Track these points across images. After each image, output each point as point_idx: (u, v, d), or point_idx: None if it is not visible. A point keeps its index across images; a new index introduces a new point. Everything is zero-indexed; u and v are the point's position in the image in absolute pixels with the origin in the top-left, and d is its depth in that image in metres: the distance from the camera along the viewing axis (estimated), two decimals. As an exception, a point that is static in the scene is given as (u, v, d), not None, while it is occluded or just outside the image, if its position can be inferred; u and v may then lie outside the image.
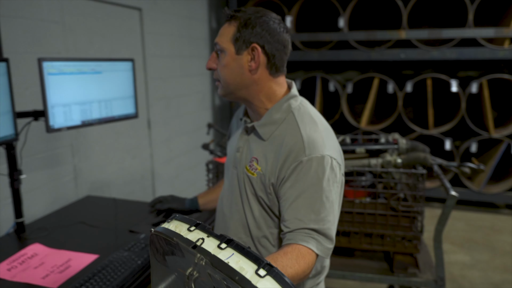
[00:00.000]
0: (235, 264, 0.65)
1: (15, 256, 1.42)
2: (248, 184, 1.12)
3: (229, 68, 1.07)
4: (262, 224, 1.12)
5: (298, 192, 1.00)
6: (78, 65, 1.68)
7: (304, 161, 1.00)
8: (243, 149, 1.15)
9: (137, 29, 3.19)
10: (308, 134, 1.04)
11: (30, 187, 2.26)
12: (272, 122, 1.09)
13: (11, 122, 1.45)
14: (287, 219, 1.01)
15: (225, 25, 1.08)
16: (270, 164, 1.06)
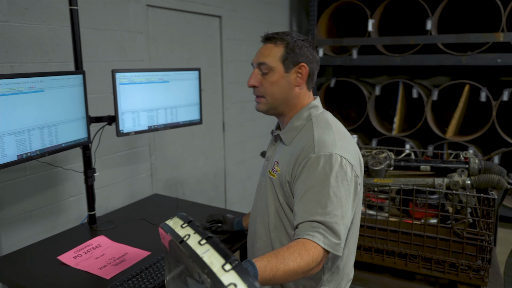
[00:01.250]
0: (207, 259, 0.73)
1: (82, 245, 1.61)
2: (270, 186, 1.23)
3: (278, 84, 1.20)
4: (280, 225, 1.21)
5: (307, 187, 1.08)
6: (147, 75, 1.83)
7: (313, 157, 1.09)
8: (271, 157, 1.29)
9: (216, 36, 3.34)
10: (320, 135, 1.15)
11: (111, 181, 2.52)
12: (293, 128, 1.23)
13: (85, 127, 1.64)
14: (296, 213, 1.09)
15: (268, 45, 1.21)
16: (286, 164, 1.17)
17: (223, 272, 0.71)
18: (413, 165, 1.86)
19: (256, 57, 1.24)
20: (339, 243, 1.03)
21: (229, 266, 0.72)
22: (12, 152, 1.34)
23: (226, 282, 0.69)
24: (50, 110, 1.46)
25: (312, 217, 1.04)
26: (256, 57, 1.23)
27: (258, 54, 1.23)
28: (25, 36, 1.97)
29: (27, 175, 2.05)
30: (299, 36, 1.22)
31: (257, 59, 1.22)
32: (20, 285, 1.39)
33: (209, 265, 0.72)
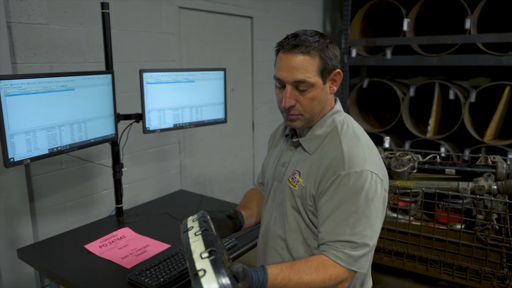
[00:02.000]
0: (193, 247, 0.82)
1: (107, 236, 1.70)
2: (290, 196, 1.15)
3: (318, 99, 1.09)
4: (299, 237, 1.14)
5: (335, 205, 1.02)
6: (174, 75, 1.90)
7: (342, 175, 1.02)
8: (288, 164, 1.20)
9: (248, 36, 3.39)
10: (349, 148, 1.06)
11: (142, 177, 2.63)
12: (317, 136, 1.13)
13: (113, 124, 1.73)
14: (322, 231, 1.04)
15: (301, 57, 1.05)
16: (311, 177, 1.09)
17: (199, 259, 0.78)
18: (437, 168, 1.82)
19: (287, 72, 1.06)
20: (365, 265, 1.01)
21: (206, 254, 0.79)
22: (44, 146, 1.44)
23: (198, 267, 0.77)
24: (80, 107, 1.56)
25: (340, 237, 1.00)
26: (289, 73, 1.06)
27: (291, 70, 1.05)
28: (63, 38, 2.10)
29: (62, 169, 2.19)
30: (322, 37, 1.09)
31: (291, 76, 1.06)
32: (49, 270, 1.49)
33: (192, 251, 0.81)
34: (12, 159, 1.33)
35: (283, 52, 1.08)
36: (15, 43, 1.92)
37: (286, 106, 1.08)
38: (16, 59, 1.93)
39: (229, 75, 3.21)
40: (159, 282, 1.35)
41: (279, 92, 1.12)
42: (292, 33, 1.10)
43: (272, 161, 1.30)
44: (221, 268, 0.76)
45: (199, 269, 0.76)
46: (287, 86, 1.07)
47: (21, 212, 1.97)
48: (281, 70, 1.07)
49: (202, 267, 0.76)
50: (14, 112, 1.31)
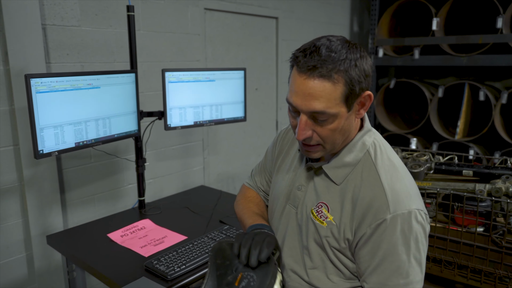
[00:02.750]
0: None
1: (129, 226, 1.80)
2: (313, 232, 0.98)
3: (341, 129, 0.90)
4: (325, 275, 0.99)
5: (383, 255, 0.88)
6: (194, 74, 1.98)
7: (389, 219, 0.87)
8: (306, 188, 1.02)
9: (272, 36, 3.43)
10: (391, 185, 0.90)
11: (166, 172, 2.74)
12: (346, 164, 0.96)
13: (135, 120, 1.83)
14: (370, 283, 0.91)
15: (320, 84, 0.84)
16: (345, 216, 0.93)
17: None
18: (454, 169, 1.80)
19: (302, 100, 0.86)
20: None
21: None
22: (70, 139, 1.55)
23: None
24: (105, 104, 1.66)
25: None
26: (304, 101, 0.86)
27: (307, 97, 0.85)
28: (94, 39, 2.23)
29: (91, 163, 2.32)
30: (351, 51, 0.86)
31: (307, 106, 0.86)
32: (74, 256, 1.60)
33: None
34: (41, 151, 1.44)
35: (298, 72, 0.86)
36: (49, 44, 2.06)
37: (299, 139, 0.90)
38: (50, 59, 2.06)
39: (253, 75, 3.27)
40: (173, 270, 1.42)
41: (292, 118, 0.93)
42: (312, 44, 0.87)
43: (283, 177, 1.12)
44: None
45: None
46: (302, 115, 0.88)
47: (53, 202, 2.11)
48: (295, 95, 0.87)
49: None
50: (43, 108, 1.43)
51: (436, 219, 1.73)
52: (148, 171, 2.54)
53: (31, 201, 2.04)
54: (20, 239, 2.07)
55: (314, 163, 1.01)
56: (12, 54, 1.87)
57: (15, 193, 2.02)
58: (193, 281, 1.44)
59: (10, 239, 2.03)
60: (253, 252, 0.89)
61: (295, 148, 1.12)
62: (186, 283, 1.41)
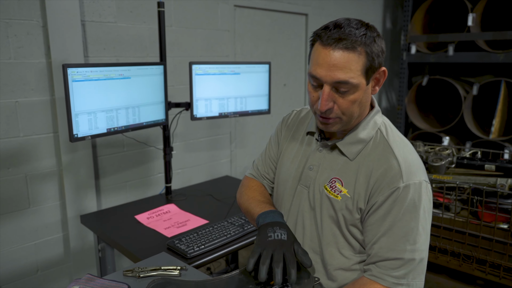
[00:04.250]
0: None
1: (155, 209, 1.91)
2: (328, 207, 1.03)
3: (359, 102, 0.96)
4: (335, 251, 1.04)
5: (393, 220, 0.94)
6: (220, 67, 2.06)
7: (401, 187, 0.93)
8: (318, 167, 1.07)
9: (302, 33, 3.47)
10: (404, 157, 0.97)
11: (194, 163, 2.85)
12: (359, 140, 1.02)
13: (163, 110, 1.94)
14: (377, 248, 0.96)
15: (346, 55, 0.90)
16: (359, 187, 0.98)
17: None
18: (477, 164, 1.78)
19: (326, 71, 0.91)
20: (423, 281, 0.95)
21: None
22: (102, 125, 1.67)
23: None
24: (134, 94, 1.77)
25: (399, 254, 0.93)
26: (329, 72, 0.91)
27: (332, 68, 0.90)
28: (129, 34, 2.36)
29: (124, 151, 2.46)
30: (369, 29, 0.94)
31: (331, 76, 0.91)
32: (104, 233, 1.72)
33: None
34: (76, 135, 1.57)
35: (322, 45, 0.91)
36: (88, 39, 2.21)
37: (323, 109, 0.93)
38: (88, 53, 2.21)
39: (282, 71, 3.32)
40: (193, 250, 1.51)
41: (314, 91, 0.97)
42: (333, 22, 0.94)
43: (290, 160, 1.16)
44: None
45: None
46: (325, 86, 0.93)
47: (88, 187, 2.26)
48: (319, 67, 0.92)
49: None
50: (78, 95, 1.55)
51: (455, 213, 1.72)
52: (177, 161, 2.65)
53: (68, 185, 2.19)
54: (57, 219, 2.23)
55: (328, 141, 1.06)
56: (54, 48, 2.03)
57: (54, 177, 2.18)
58: (210, 260, 1.52)
59: (48, 219, 2.19)
60: (278, 272, 0.89)
61: (302, 133, 1.17)
62: (204, 262, 1.49)
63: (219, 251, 1.55)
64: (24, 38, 1.97)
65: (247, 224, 1.71)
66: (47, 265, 2.22)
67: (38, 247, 2.18)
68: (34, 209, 2.13)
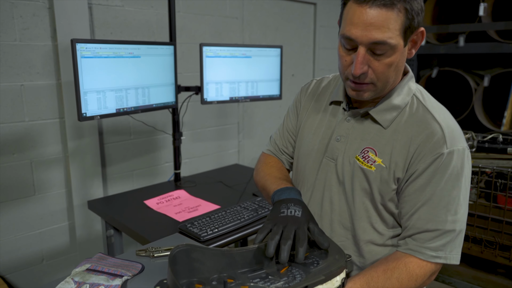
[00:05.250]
0: None
1: (164, 195, 1.85)
2: (361, 178, 0.95)
3: (396, 65, 0.88)
4: (368, 226, 0.97)
5: (434, 189, 0.88)
6: (231, 50, 2.00)
7: (445, 153, 0.87)
8: (347, 138, 0.99)
9: (310, 23, 3.41)
10: (446, 122, 0.90)
11: (202, 153, 2.79)
12: (394, 107, 0.94)
13: (173, 92, 1.88)
14: (416, 218, 0.90)
15: (384, 13, 0.81)
16: (396, 156, 0.91)
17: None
18: (499, 147, 1.72)
19: (362, 30, 0.83)
20: (459, 254, 0.90)
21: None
22: (112, 105, 1.62)
23: None
24: (144, 74, 1.72)
25: (440, 225, 0.87)
26: (365, 32, 0.83)
27: (368, 27, 0.82)
28: (136, 19, 2.31)
29: (131, 139, 2.40)
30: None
31: (368, 36, 0.83)
32: (112, 218, 1.67)
33: None
34: (84, 114, 1.51)
35: (358, 3, 0.83)
36: (95, 22, 2.15)
37: (357, 73, 0.85)
38: (95, 36, 2.16)
39: (290, 61, 3.26)
40: (206, 233, 1.45)
41: (346, 55, 0.89)
42: None
43: (312, 131, 1.08)
44: None
45: None
46: (360, 48, 0.85)
47: (94, 175, 2.20)
48: (354, 26, 0.83)
49: None
50: (87, 73, 1.49)
51: (477, 197, 1.65)
52: (184, 151, 2.59)
53: (74, 172, 2.14)
54: (63, 207, 2.17)
55: (360, 109, 0.98)
56: (60, 31, 1.97)
57: (60, 164, 2.12)
58: (224, 244, 1.46)
59: (54, 207, 2.14)
60: (285, 249, 0.82)
61: (324, 103, 1.10)
62: (217, 246, 1.43)
63: (233, 235, 1.49)
64: (29, 19, 1.92)
65: (261, 208, 1.65)
66: (53, 255, 2.16)
67: (43, 236, 2.12)
68: (39, 197, 2.07)
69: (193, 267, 0.82)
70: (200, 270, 0.82)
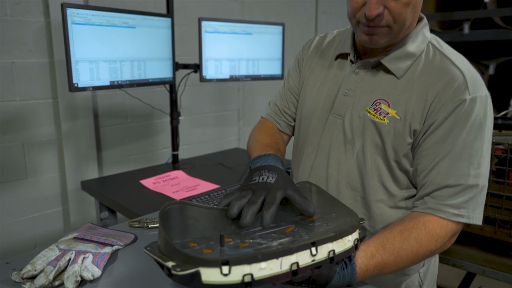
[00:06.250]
0: None
1: (161, 175, 1.77)
2: (372, 133, 0.88)
3: (413, 5, 0.81)
4: (379, 185, 0.90)
5: (455, 140, 0.80)
6: (231, 26, 1.92)
7: (468, 100, 0.79)
8: (355, 92, 0.91)
9: (312, 9, 3.34)
10: (466, 67, 0.83)
11: (201, 140, 2.71)
12: (408, 54, 0.86)
13: (171, 68, 1.79)
14: (435, 173, 0.81)
15: None
16: (412, 106, 0.83)
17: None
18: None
19: None
20: (482, 214, 0.82)
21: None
22: (105, 77, 1.53)
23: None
24: (140, 46, 1.63)
25: (462, 180, 0.79)
26: None
27: None
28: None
29: (128, 123, 2.31)
30: None
31: None
32: (107, 198, 1.58)
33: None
34: (76, 84, 1.43)
35: None
36: (89, -1, 2.07)
37: (372, 15, 0.77)
38: (88, 1, 2.06)
39: (291, 47, 3.18)
40: (204, 210, 1.36)
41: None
42: None
43: (316, 89, 1.00)
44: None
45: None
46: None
47: (89, 159, 2.12)
48: None
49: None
50: (79, 40, 1.41)
51: (490, 175, 1.57)
52: (183, 136, 2.51)
53: (68, 155, 2.05)
54: (57, 192, 2.09)
55: (370, 59, 0.90)
56: (53, 7, 1.89)
57: (53, 147, 2.04)
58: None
59: (47, 192, 2.05)
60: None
61: (329, 58, 1.01)
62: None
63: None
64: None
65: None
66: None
67: (36, 221, 2.04)
68: (32, 180, 1.99)
69: (187, 225, 0.73)
70: (195, 229, 0.73)
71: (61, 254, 0.84)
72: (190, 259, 0.59)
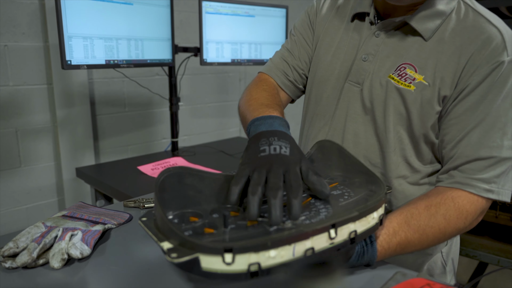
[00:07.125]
0: None
1: (160, 161, 1.69)
2: (396, 101, 0.78)
3: None
4: (403, 160, 0.82)
5: (489, 107, 0.71)
6: (233, 7, 1.84)
7: (506, 62, 0.71)
8: (375, 56, 0.82)
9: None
10: (503, 27, 0.74)
11: (202, 131, 2.63)
12: (438, 13, 0.76)
13: (169, 49, 1.72)
14: (467, 144, 0.73)
15: None
16: (442, 70, 0.75)
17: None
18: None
19: None
20: (509, 193, 0.73)
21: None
22: (101, 55, 1.46)
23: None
24: (137, 24, 1.56)
25: (494, 152, 0.71)
26: None
27: None
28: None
29: (126, 112, 2.24)
30: None
31: None
32: (103, 182, 1.50)
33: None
34: (69, 61, 1.35)
35: None
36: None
37: None
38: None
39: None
40: (205, 194, 1.28)
41: None
42: None
43: (331, 53, 0.89)
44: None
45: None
46: None
47: (86, 148, 2.04)
48: None
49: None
50: (72, 15, 1.34)
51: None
52: (183, 127, 2.43)
53: (64, 143, 1.98)
54: (52, 183, 2.01)
55: (394, 18, 0.79)
56: (48, -12, 1.82)
57: (48, 135, 1.96)
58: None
59: (42, 182, 1.98)
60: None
61: (345, 19, 0.89)
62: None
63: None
64: (13, -28, 1.76)
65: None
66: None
67: (31, 212, 1.96)
68: (26, 169, 1.91)
69: (187, 195, 0.64)
70: (196, 199, 0.64)
71: (47, 231, 0.76)
72: (188, 243, 0.50)
